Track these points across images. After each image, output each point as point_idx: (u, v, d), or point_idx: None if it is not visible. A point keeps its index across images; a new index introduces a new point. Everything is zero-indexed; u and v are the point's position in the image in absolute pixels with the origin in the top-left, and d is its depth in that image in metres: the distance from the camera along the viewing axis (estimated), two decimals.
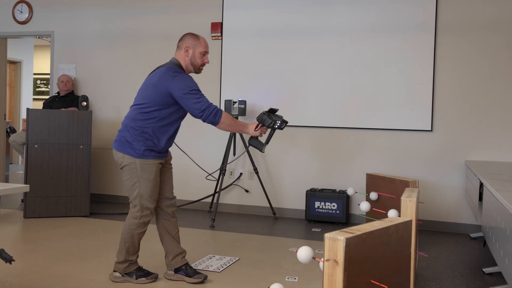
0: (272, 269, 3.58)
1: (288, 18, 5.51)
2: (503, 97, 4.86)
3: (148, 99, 3.06)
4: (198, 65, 3.22)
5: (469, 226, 4.94)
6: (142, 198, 3.09)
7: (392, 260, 2.20)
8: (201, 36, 3.26)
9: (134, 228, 3.13)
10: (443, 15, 5.00)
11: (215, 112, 3.00)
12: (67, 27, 6.50)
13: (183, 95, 2.98)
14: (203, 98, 3.02)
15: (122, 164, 3.11)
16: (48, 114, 5.16)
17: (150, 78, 3.14)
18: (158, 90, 3.03)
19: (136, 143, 3.06)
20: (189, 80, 3.06)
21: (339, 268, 1.89)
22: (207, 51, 3.23)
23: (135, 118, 3.09)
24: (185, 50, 3.17)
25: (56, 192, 5.13)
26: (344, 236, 1.89)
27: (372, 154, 5.27)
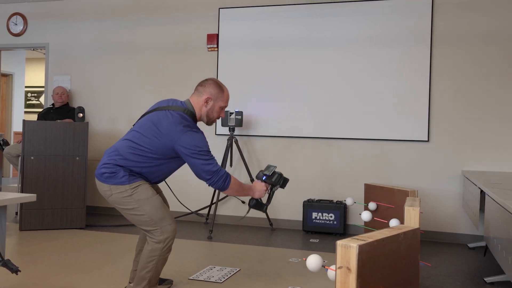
0: (274, 279, 3.56)
1: (284, 29, 5.55)
2: (499, 107, 4.92)
3: (151, 147, 2.78)
4: (213, 119, 2.99)
5: (467, 236, 4.96)
6: (156, 220, 2.78)
7: (401, 267, 2.20)
8: (225, 87, 3.01)
9: (158, 254, 2.79)
10: (438, 26, 5.07)
11: (224, 178, 2.78)
12: (61, 39, 6.48)
13: (191, 154, 2.72)
14: (212, 161, 2.76)
15: (110, 196, 2.79)
16: (44, 125, 5.12)
17: (157, 120, 2.81)
18: (164, 142, 2.76)
19: (120, 173, 2.77)
20: (199, 138, 2.77)
21: (352, 276, 1.89)
22: (227, 105, 3.03)
23: (128, 157, 2.79)
24: (205, 100, 2.91)
25: (52, 204, 5.07)
26: (357, 243, 1.90)
27: (368, 164, 5.29)
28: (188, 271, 3.69)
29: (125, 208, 2.81)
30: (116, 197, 2.78)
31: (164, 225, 2.79)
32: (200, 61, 5.88)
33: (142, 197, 2.78)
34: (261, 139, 5.64)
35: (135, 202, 2.77)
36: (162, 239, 2.78)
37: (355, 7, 5.31)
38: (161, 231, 2.78)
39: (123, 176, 2.76)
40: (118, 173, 2.76)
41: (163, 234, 2.78)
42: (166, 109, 2.86)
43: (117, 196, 2.78)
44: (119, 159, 2.79)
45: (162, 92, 6.01)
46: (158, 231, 2.78)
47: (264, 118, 5.60)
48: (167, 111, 2.83)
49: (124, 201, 2.78)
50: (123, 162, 2.78)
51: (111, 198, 2.81)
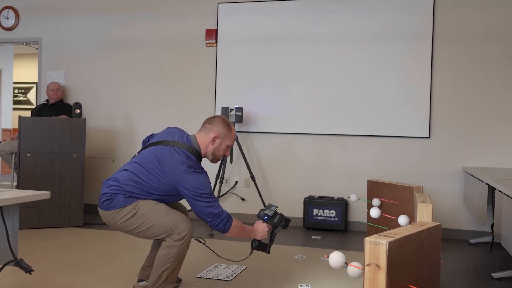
0: (282, 276, 3.53)
1: (283, 25, 5.51)
2: (500, 104, 4.94)
3: (152, 183, 2.77)
4: (219, 157, 2.98)
5: (468, 232, 4.98)
6: (169, 225, 2.73)
7: (424, 264, 2.18)
8: (233, 125, 3.02)
9: (177, 251, 2.75)
10: (440, 23, 5.07)
11: (226, 221, 2.75)
12: (55, 34, 6.36)
13: (193, 196, 2.69)
14: (214, 203, 2.72)
15: (116, 223, 2.76)
16: (40, 122, 5.02)
17: (160, 157, 2.79)
18: (167, 181, 2.75)
19: (120, 196, 2.76)
20: (202, 180, 2.73)
21: (381, 273, 1.86)
22: (233, 144, 3.01)
23: (128, 190, 2.76)
24: (212, 138, 2.90)
25: (49, 202, 4.97)
26: (386, 240, 1.86)
27: (370, 161, 5.28)
28: (194, 269, 3.64)
29: (133, 228, 2.77)
30: (121, 222, 2.76)
31: (178, 226, 2.75)
32: (198, 57, 5.81)
33: (146, 210, 2.75)
34: (261, 135, 5.60)
35: (141, 218, 2.74)
36: (180, 238, 2.74)
37: (355, 3, 5.29)
38: (178, 232, 2.74)
39: (123, 199, 2.75)
40: (117, 197, 2.75)
41: (180, 233, 2.74)
42: (171, 144, 2.84)
43: (122, 221, 2.76)
44: (119, 190, 2.77)
45: (159, 88, 5.94)
46: (175, 233, 2.74)
47: (264, 115, 5.56)
48: (172, 148, 2.81)
49: (130, 222, 2.75)
50: (123, 192, 2.77)
51: (117, 225, 2.78)
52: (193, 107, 5.82)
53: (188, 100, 5.84)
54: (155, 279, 2.77)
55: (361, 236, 5.01)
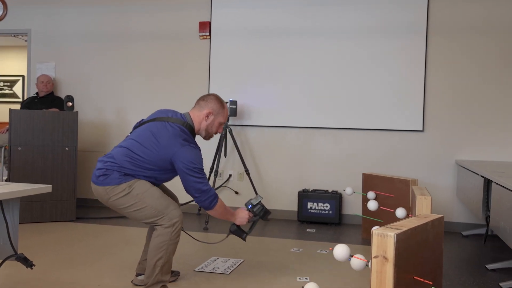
0: (280, 270, 3.53)
1: (278, 18, 5.49)
2: (493, 98, 4.99)
3: (148, 157, 2.80)
4: (211, 134, 3.05)
5: (461, 224, 5.03)
6: (160, 208, 2.77)
7: (428, 256, 2.19)
8: (225, 103, 3.09)
9: (168, 239, 2.77)
10: (434, 17, 5.09)
11: (212, 199, 2.83)
12: (45, 25, 6.26)
13: (186, 170, 2.75)
14: (203, 179, 2.80)
15: (109, 200, 2.79)
16: (31, 115, 4.94)
17: (156, 131, 2.83)
18: (161, 154, 2.78)
19: (115, 173, 2.78)
20: (195, 154, 2.80)
21: (389, 265, 1.86)
22: (225, 122, 3.01)
23: (123, 165, 2.79)
24: (206, 114, 2.96)
25: (41, 197, 4.90)
26: (394, 232, 1.87)
27: (363, 154, 5.30)
28: (192, 263, 3.62)
29: (126, 207, 2.79)
30: (115, 199, 2.78)
31: (169, 211, 2.79)
32: (191, 49, 5.76)
33: (140, 191, 2.77)
34: (255, 128, 5.59)
35: (135, 198, 2.76)
36: (171, 224, 2.78)
37: None
38: (169, 217, 2.78)
39: (118, 177, 2.77)
40: (112, 174, 2.77)
41: (171, 219, 2.78)
42: (165, 120, 2.89)
43: (115, 198, 2.78)
44: (114, 166, 2.79)
45: (152, 81, 5.89)
46: (165, 218, 2.78)
47: (259, 108, 5.54)
48: (166, 123, 2.86)
49: (123, 200, 2.77)
50: (118, 169, 2.79)
51: (110, 202, 2.81)
52: (186, 100, 5.77)
53: (181, 93, 5.80)
54: (150, 270, 2.78)
55: (356, 229, 5.03)
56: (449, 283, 3.35)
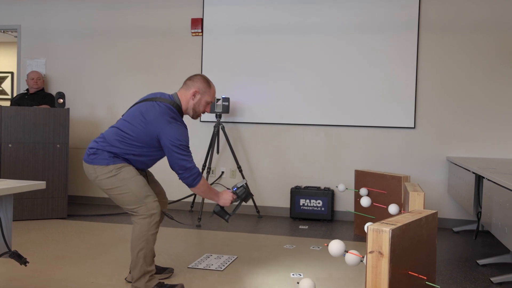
0: (274, 266, 3.54)
1: (270, 15, 5.49)
2: (484, 94, 5.03)
3: (136, 134, 2.87)
4: (199, 113, 3.10)
5: (451, 220, 5.07)
6: (141, 196, 2.84)
7: (422, 251, 2.21)
8: (212, 83, 3.12)
9: (147, 230, 2.83)
10: (425, 14, 5.11)
11: (195, 177, 2.88)
12: (35, 21, 6.21)
13: (171, 146, 2.82)
14: (188, 157, 2.86)
15: (96, 178, 2.87)
16: (22, 111, 4.90)
17: (145, 110, 2.90)
18: (149, 130, 2.85)
19: (104, 153, 2.86)
20: (182, 132, 2.88)
21: (384, 260, 1.88)
22: (213, 101, 3.07)
23: (114, 144, 2.88)
24: (192, 93, 3.02)
25: (32, 194, 4.87)
26: (389, 228, 1.88)
27: (355, 151, 5.32)
28: (185, 260, 3.62)
29: (110, 188, 2.88)
30: (102, 178, 2.86)
31: (148, 202, 2.86)
32: (183, 46, 5.74)
33: (126, 177, 2.86)
34: (247, 125, 5.58)
35: (120, 181, 2.84)
36: (148, 214, 2.85)
37: None
38: (147, 208, 2.85)
39: (107, 157, 2.86)
40: (102, 154, 2.86)
41: (148, 210, 2.85)
42: (154, 100, 2.97)
43: (102, 177, 2.86)
44: (105, 145, 2.89)
45: (143, 78, 5.86)
46: (143, 208, 2.85)
47: (251, 105, 5.54)
48: (155, 102, 2.94)
49: (109, 182, 2.85)
50: (109, 148, 2.88)
51: (97, 180, 2.89)
52: None
53: (173, 90, 5.76)
54: (134, 262, 2.85)
55: (348, 226, 5.05)
56: (440, 278, 3.38)
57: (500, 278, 3.28)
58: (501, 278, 3.28)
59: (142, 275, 2.84)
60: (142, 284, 2.84)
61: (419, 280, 2.13)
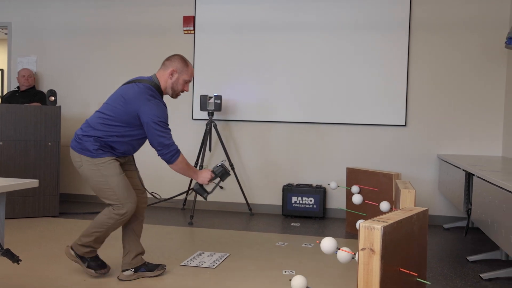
0: (266, 263, 3.56)
1: (262, 13, 5.49)
2: (475, 93, 5.07)
3: (115, 114, 2.96)
4: (178, 91, 3.17)
5: (442, 217, 5.12)
6: (120, 195, 2.95)
7: (413, 248, 2.24)
8: (190, 63, 3.19)
9: (112, 223, 2.99)
10: (417, 12, 5.15)
11: (173, 154, 2.96)
12: (26, 18, 6.17)
13: (150, 123, 2.90)
14: (167, 134, 2.94)
15: (81, 167, 2.98)
16: (14, 109, 4.88)
17: (124, 91, 3.01)
18: (128, 108, 2.94)
19: (90, 145, 2.95)
20: (161, 109, 2.96)
21: (376, 257, 1.90)
22: (191, 80, 3.19)
23: (96, 127, 2.98)
24: (170, 72, 3.09)
25: (23, 192, 4.85)
26: (381, 225, 1.90)
27: (347, 148, 5.35)
28: (178, 257, 3.63)
29: (91, 179, 2.98)
30: (86, 168, 2.96)
31: (126, 204, 2.97)
32: (175, 44, 5.73)
33: (109, 173, 2.94)
34: (240, 123, 5.59)
35: (102, 176, 2.94)
36: (122, 213, 2.97)
37: None
38: (122, 206, 2.96)
39: (95, 149, 2.94)
40: (89, 143, 2.95)
41: (123, 209, 2.96)
42: (133, 82, 3.09)
43: (86, 168, 2.95)
44: (89, 130, 2.99)
45: (135, 75, 5.82)
46: (119, 206, 2.96)
47: (243, 103, 5.55)
48: (134, 83, 3.05)
49: (92, 173, 2.95)
50: (93, 132, 2.97)
51: (81, 169, 2.98)
52: None
53: None
54: (85, 234, 3.02)
55: (340, 223, 5.08)
56: (431, 274, 3.42)
57: (490, 274, 3.32)
58: (491, 274, 3.32)
59: (85, 245, 3.03)
60: (81, 251, 3.05)
61: (410, 276, 2.15)
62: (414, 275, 2.17)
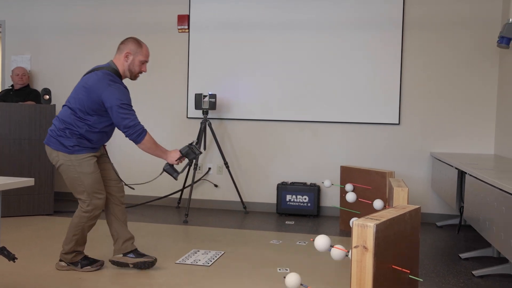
0: (260, 261, 3.58)
1: (257, 11, 5.51)
2: (468, 91, 5.11)
3: (80, 104, 3.06)
4: (135, 73, 3.25)
5: (435, 215, 5.16)
6: (89, 192, 3.09)
7: (406, 246, 2.27)
8: (144, 44, 3.27)
9: (85, 222, 3.15)
10: (410, 11, 5.18)
11: (139, 133, 3.06)
12: (19, 17, 6.15)
13: (114, 106, 3.00)
14: (131, 115, 3.05)
15: (57, 163, 3.09)
16: (8, 108, 4.87)
17: (85, 81, 3.10)
18: (92, 97, 3.03)
19: (66, 140, 3.06)
20: (122, 92, 3.07)
21: (368, 254, 1.93)
22: (147, 61, 3.27)
23: (68, 121, 3.07)
24: (125, 55, 3.19)
25: (18, 190, 4.84)
26: (374, 223, 1.93)
27: (341, 147, 5.38)
28: (172, 255, 3.65)
29: (67, 175, 3.10)
30: (62, 163, 3.08)
31: (93, 198, 3.12)
32: (169, 43, 5.74)
33: (83, 171, 3.08)
34: (234, 122, 5.61)
35: (77, 173, 3.07)
36: (89, 210, 3.12)
37: None
38: (89, 203, 3.11)
39: (72, 145, 3.05)
40: (64, 139, 3.05)
41: (90, 205, 3.11)
42: (92, 71, 3.17)
43: (63, 163, 3.08)
44: (63, 125, 3.07)
45: None
46: (87, 203, 3.11)
47: (238, 101, 5.57)
48: (93, 72, 3.13)
49: (68, 169, 3.08)
50: (67, 126, 3.06)
51: (58, 164, 3.11)
52: (165, 94, 5.77)
53: (160, 87, 5.78)
54: (67, 241, 3.18)
55: (334, 221, 5.12)
56: (424, 271, 3.45)
57: (482, 271, 3.36)
58: (483, 271, 3.36)
59: (71, 252, 3.18)
60: (69, 258, 3.18)
61: (403, 273, 2.18)
62: (407, 272, 2.20)
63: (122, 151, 5.67)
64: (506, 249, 2.55)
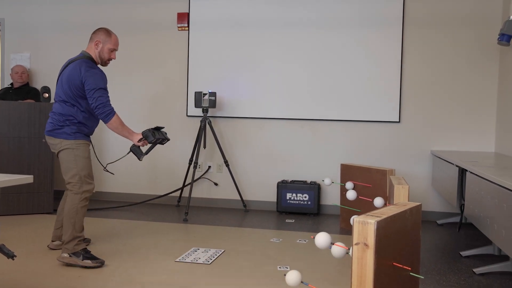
0: (261, 259, 3.57)
1: (257, 9, 5.49)
2: (467, 89, 5.10)
3: (66, 95, 3.37)
4: (105, 60, 3.56)
5: (435, 213, 5.15)
6: (82, 174, 3.34)
7: (407, 243, 2.25)
8: (114, 33, 3.57)
9: (77, 203, 3.32)
10: (410, 9, 5.16)
11: (107, 114, 3.34)
12: (19, 14, 6.13)
13: (92, 90, 3.31)
14: (103, 98, 3.34)
15: (59, 148, 3.35)
16: (7, 106, 4.86)
17: (65, 73, 3.40)
18: (73, 83, 3.33)
19: (68, 129, 3.35)
20: (99, 77, 3.36)
21: (369, 251, 1.91)
22: (116, 49, 3.57)
23: (65, 112, 3.37)
24: (95, 43, 3.50)
25: (18, 189, 4.84)
26: (375, 220, 1.92)
27: (341, 145, 5.37)
28: (172, 254, 3.64)
29: (65, 158, 3.35)
30: (63, 148, 3.34)
31: (84, 182, 3.36)
32: (169, 41, 5.73)
33: (80, 154, 3.36)
34: (234, 120, 5.60)
35: (74, 156, 3.34)
36: (79, 192, 3.34)
37: None
38: (80, 185, 3.35)
39: (73, 132, 3.35)
40: (67, 128, 3.35)
41: (81, 187, 3.35)
42: (68, 64, 3.45)
43: (64, 148, 3.34)
44: (61, 117, 3.36)
45: (129, 72, 5.83)
46: (78, 185, 3.34)
47: (238, 100, 5.55)
48: (71, 64, 3.42)
49: (67, 152, 3.35)
50: (66, 117, 3.35)
51: (59, 149, 3.35)
52: (165, 92, 5.76)
53: (160, 85, 5.77)
54: (66, 229, 3.31)
55: (334, 219, 5.10)
56: (425, 269, 3.44)
57: (483, 269, 3.35)
58: (484, 269, 3.35)
59: (71, 239, 3.28)
60: (71, 247, 3.28)
61: (404, 271, 2.17)
62: (408, 269, 2.19)
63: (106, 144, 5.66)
64: (507, 247, 2.54)
